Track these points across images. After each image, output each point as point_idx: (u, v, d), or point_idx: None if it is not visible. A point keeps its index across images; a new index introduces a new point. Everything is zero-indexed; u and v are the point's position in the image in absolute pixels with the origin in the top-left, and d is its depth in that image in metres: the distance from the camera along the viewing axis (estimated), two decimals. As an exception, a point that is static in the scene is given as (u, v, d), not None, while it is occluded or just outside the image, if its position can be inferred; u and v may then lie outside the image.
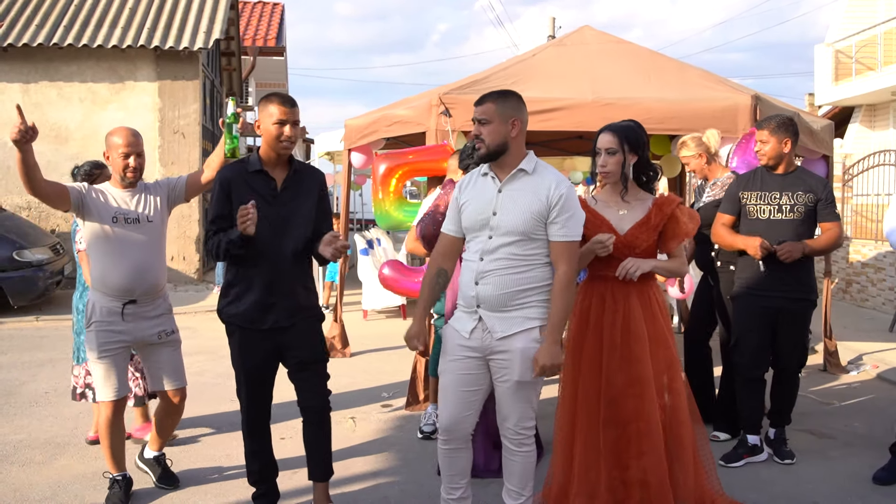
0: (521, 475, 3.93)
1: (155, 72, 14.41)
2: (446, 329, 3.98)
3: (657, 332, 4.20)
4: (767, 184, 5.31)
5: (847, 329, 10.24)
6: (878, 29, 17.52)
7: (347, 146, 8.38)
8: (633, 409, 4.11)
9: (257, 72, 22.46)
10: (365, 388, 7.31)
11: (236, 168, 4.19)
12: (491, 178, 3.84)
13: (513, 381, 3.77)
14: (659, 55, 8.03)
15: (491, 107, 3.75)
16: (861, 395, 7.27)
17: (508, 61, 8.06)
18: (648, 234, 4.20)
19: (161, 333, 4.62)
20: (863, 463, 5.35)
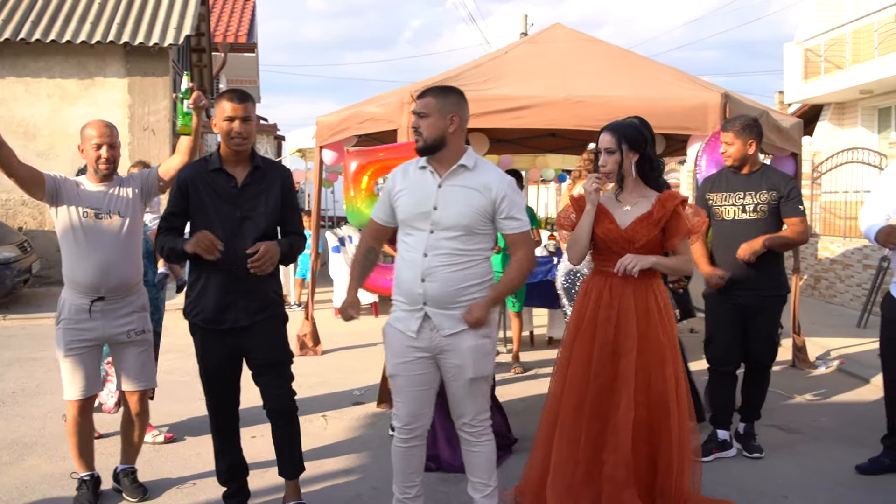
0: (485, 467, 3.97)
1: (124, 68, 14.28)
2: (388, 330, 3.95)
3: (650, 328, 4.17)
4: (732, 184, 5.36)
5: (815, 325, 10.35)
6: (846, 28, 17.68)
7: (319, 143, 8.34)
8: (614, 405, 4.13)
9: (228, 68, 22.31)
10: (336, 386, 7.30)
11: (196, 167, 4.17)
12: (430, 173, 3.85)
13: (467, 378, 3.81)
14: (630, 53, 8.07)
15: (431, 101, 3.79)
16: (828, 390, 7.36)
17: (480, 59, 8.06)
18: (649, 229, 4.17)
19: (130, 332, 4.54)
20: (830, 457, 5.43)
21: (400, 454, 4.00)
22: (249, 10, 22.68)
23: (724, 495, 4.68)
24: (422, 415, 3.96)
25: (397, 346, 3.90)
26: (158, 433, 5.67)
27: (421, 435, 3.99)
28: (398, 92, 7.07)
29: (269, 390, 4.24)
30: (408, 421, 3.94)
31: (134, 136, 14.27)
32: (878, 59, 16.45)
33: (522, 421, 5.91)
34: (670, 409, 4.17)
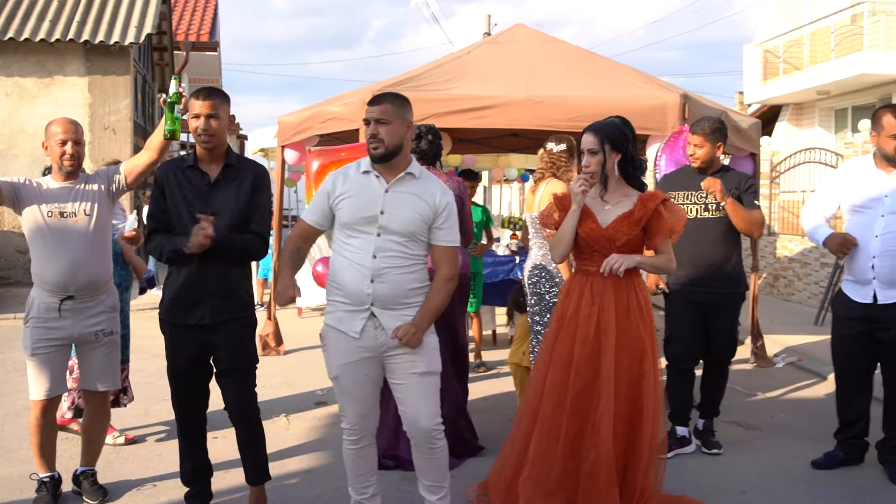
0: (440, 469, 3.98)
1: (85, 66, 14.15)
2: (328, 332, 3.93)
3: (630, 326, 4.19)
4: (694, 183, 5.42)
5: (774, 322, 10.49)
6: (804, 30, 17.92)
7: (281, 143, 8.33)
8: (594, 403, 4.15)
9: (190, 67, 22.13)
10: (299, 386, 7.28)
11: (173, 165, 4.18)
12: (375, 177, 3.83)
13: (419, 371, 3.82)
14: (591, 54, 8.14)
15: (389, 107, 3.78)
16: (786, 387, 7.47)
17: (442, 59, 8.11)
18: (630, 228, 4.19)
19: (99, 333, 4.50)
20: (787, 452, 5.51)
21: (352, 456, 4.00)
22: (212, 9, 22.53)
23: (683, 491, 4.73)
24: (369, 414, 3.97)
25: (340, 348, 3.87)
26: (119, 434, 5.63)
27: (370, 434, 4.00)
28: (359, 91, 7.09)
29: (230, 393, 4.23)
30: (356, 422, 3.94)
31: (94, 135, 14.14)
32: (834, 61, 16.70)
33: (484, 419, 5.95)
34: (645, 405, 4.21)
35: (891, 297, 4.88)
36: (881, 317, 4.92)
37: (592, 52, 8.32)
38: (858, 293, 5.02)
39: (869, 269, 4.90)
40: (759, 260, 8.83)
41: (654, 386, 4.24)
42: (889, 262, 4.83)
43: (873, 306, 4.94)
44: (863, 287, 4.99)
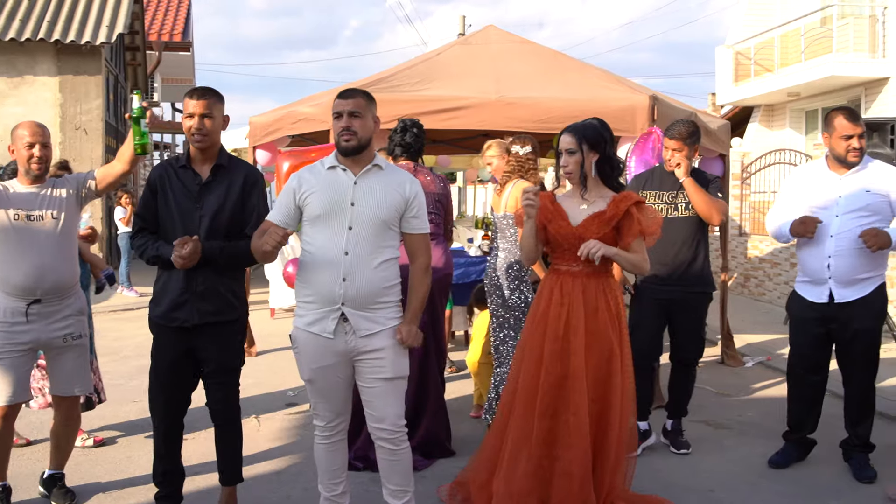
0: (404, 473, 3.99)
1: (56, 66, 14.06)
2: (300, 335, 3.93)
3: (598, 325, 4.22)
4: (665, 183, 5.48)
5: (744, 322, 10.58)
6: (774, 32, 18.09)
7: (252, 143, 8.32)
8: (566, 402, 4.18)
9: (163, 67, 22.07)
10: (270, 387, 7.28)
11: (166, 165, 4.20)
12: (342, 171, 3.86)
13: (386, 377, 3.83)
14: (561, 55, 8.19)
15: (361, 101, 3.84)
16: (755, 386, 7.54)
17: (414, 60, 8.12)
18: (600, 227, 4.20)
19: (67, 337, 4.47)
20: (755, 451, 5.56)
21: (324, 452, 4.02)
22: (185, 9, 22.44)
23: (651, 490, 4.76)
24: (344, 410, 4.01)
25: (313, 351, 3.87)
26: (87, 437, 5.59)
27: (343, 430, 4.03)
28: (329, 92, 7.10)
29: (213, 393, 4.25)
30: (331, 418, 3.97)
31: (65, 135, 14.05)
32: (804, 63, 16.88)
33: (453, 420, 5.96)
34: (613, 405, 4.24)
35: (847, 295, 4.95)
36: (838, 316, 4.99)
37: (563, 53, 8.38)
38: (813, 293, 5.09)
39: (825, 269, 4.97)
40: (728, 260, 8.88)
41: (622, 386, 4.27)
42: (845, 261, 4.91)
43: (830, 306, 5.00)
44: (818, 287, 5.06)
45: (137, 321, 11.18)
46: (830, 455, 5.29)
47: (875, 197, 4.89)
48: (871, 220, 4.88)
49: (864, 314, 4.95)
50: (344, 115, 3.81)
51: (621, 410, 4.24)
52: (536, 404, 4.20)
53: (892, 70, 15.79)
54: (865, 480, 4.98)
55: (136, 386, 7.18)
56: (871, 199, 4.89)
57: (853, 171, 4.97)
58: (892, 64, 15.82)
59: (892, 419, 6.36)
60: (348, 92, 3.90)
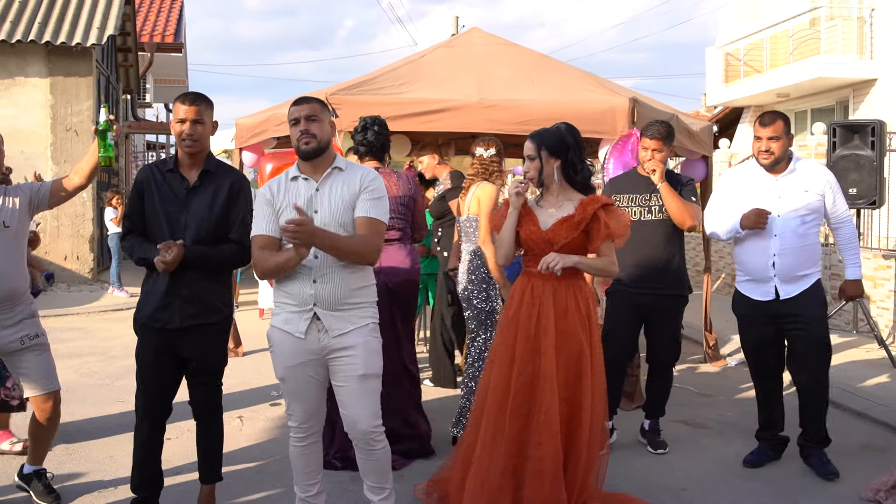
0: (381, 471, 4.03)
1: (46, 68, 14.09)
2: (274, 334, 3.97)
3: (568, 326, 4.29)
4: (638, 186, 5.53)
5: (729, 322, 10.58)
6: (764, 33, 18.17)
7: (238, 145, 8.37)
8: (537, 401, 4.24)
9: (156, 68, 22.10)
10: (255, 387, 7.33)
11: (153, 168, 4.25)
12: (303, 180, 3.92)
13: (358, 375, 3.87)
14: (544, 57, 8.25)
15: (317, 106, 3.92)
16: (736, 386, 7.61)
17: (398, 62, 8.17)
18: (569, 231, 4.28)
19: (24, 338, 4.52)
20: (731, 450, 5.62)
21: (298, 454, 4.06)
22: (177, 10, 22.47)
23: (626, 489, 4.82)
24: (317, 412, 4.04)
25: (286, 350, 3.91)
26: (17, 440, 5.53)
27: (317, 432, 4.07)
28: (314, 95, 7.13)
29: (196, 393, 4.31)
30: (304, 420, 4.00)
31: (56, 136, 14.09)
32: (793, 65, 16.97)
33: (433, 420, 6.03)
34: (584, 406, 4.30)
35: (791, 290, 5.08)
36: (783, 311, 5.10)
37: (546, 55, 8.44)
38: (758, 292, 5.19)
39: (770, 267, 5.08)
40: (710, 261, 8.94)
41: (593, 386, 4.33)
42: (789, 258, 5.04)
43: (775, 302, 5.11)
44: (763, 285, 5.15)
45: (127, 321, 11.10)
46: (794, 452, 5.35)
47: (813, 196, 5.07)
48: (810, 219, 5.09)
49: (809, 304, 5.08)
50: (301, 120, 3.87)
51: (592, 411, 4.30)
52: (508, 404, 4.27)
53: (879, 71, 15.88)
54: (830, 476, 5.04)
55: (122, 386, 7.23)
56: (810, 198, 5.07)
57: (788, 172, 5.11)
58: (879, 65, 15.91)
59: (868, 419, 6.44)
60: (302, 99, 3.99)
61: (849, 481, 5.03)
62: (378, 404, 3.97)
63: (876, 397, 6.85)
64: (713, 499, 4.84)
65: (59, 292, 13.39)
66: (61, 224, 14.18)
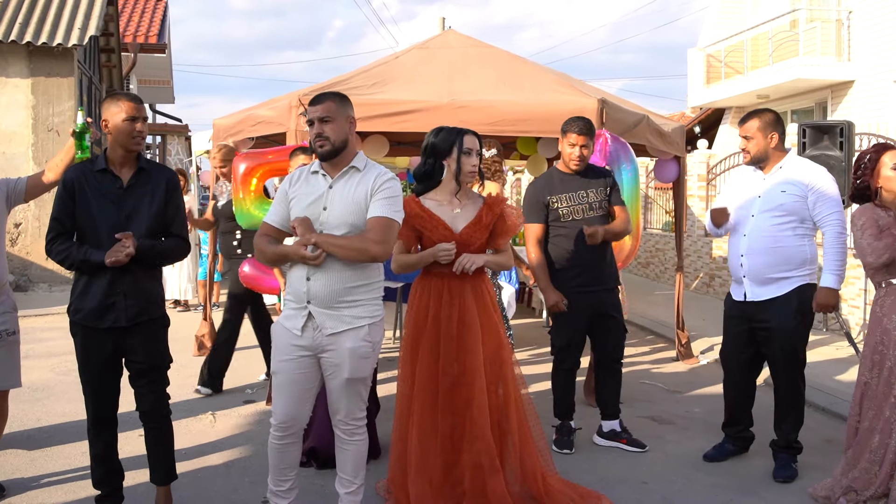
0: (353, 464, 4.08)
1: (28, 68, 14.07)
2: (276, 328, 4.04)
3: (489, 322, 4.47)
4: (570, 185, 5.56)
5: (705, 321, 10.71)
6: (745, 35, 18.31)
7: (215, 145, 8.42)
8: (466, 397, 4.36)
9: (140, 69, 22.08)
10: (229, 384, 7.36)
11: (82, 168, 4.18)
12: (322, 176, 3.95)
13: (343, 378, 3.92)
14: (517, 58, 8.34)
15: (332, 105, 3.88)
16: (706, 382, 7.69)
17: (373, 63, 8.25)
18: (481, 233, 4.48)
19: (2, 333, 4.58)
20: (695, 445, 5.70)
21: (275, 450, 4.09)
22: (161, 11, 22.45)
23: (587, 482, 4.91)
24: (298, 413, 4.04)
25: (282, 344, 3.98)
26: None
27: (296, 433, 4.08)
28: (287, 97, 7.22)
29: (144, 394, 4.29)
30: (283, 419, 4.02)
31: (38, 137, 14.08)
32: (772, 66, 17.10)
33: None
34: (509, 394, 4.52)
35: (760, 294, 5.07)
36: (754, 314, 5.12)
37: (519, 56, 8.52)
38: (736, 291, 5.27)
39: (739, 268, 5.14)
40: (683, 259, 9.03)
41: (513, 371, 4.56)
42: (756, 259, 5.03)
43: (747, 304, 5.15)
44: (738, 285, 5.23)
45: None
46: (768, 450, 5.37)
47: (790, 197, 4.97)
48: (785, 220, 4.99)
49: (779, 314, 5.01)
50: (315, 122, 3.88)
51: (515, 397, 4.52)
52: (438, 403, 4.39)
53: (857, 73, 16.03)
54: (779, 479, 5.07)
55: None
56: (786, 198, 4.98)
57: (775, 170, 5.08)
58: (857, 67, 16.06)
59: (832, 414, 6.55)
60: (318, 97, 3.94)
61: (810, 475, 5.12)
62: (361, 401, 4.04)
63: (841, 393, 6.95)
64: (672, 492, 4.92)
65: (39, 292, 13.41)
66: (42, 224, 14.14)
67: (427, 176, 4.53)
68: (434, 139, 4.51)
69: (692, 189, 14.26)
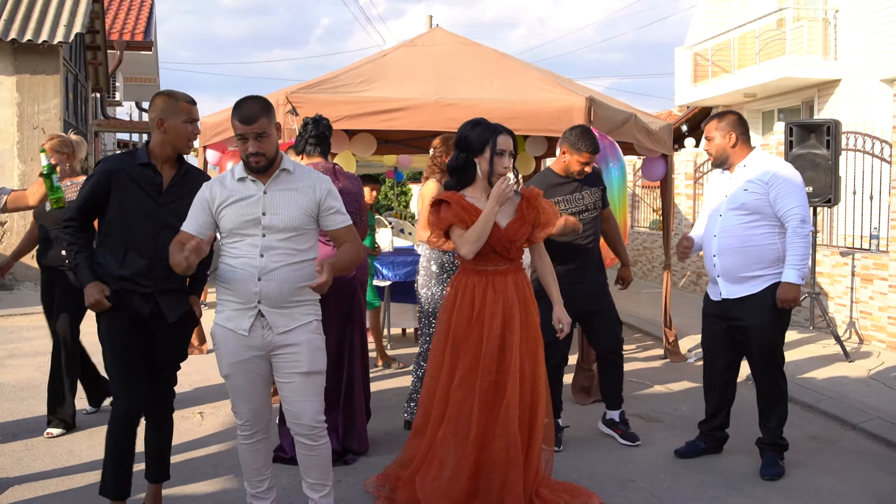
0: (322, 468, 4.05)
1: (13, 65, 14.01)
2: (217, 331, 3.95)
3: (529, 321, 4.40)
4: (565, 188, 5.63)
5: (692, 319, 10.73)
6: (731, 34, 18.35)
7: (202, 143, 8.41)
8: (501, 396, 4.31)
9: (126, 66, 22.02)
10: (217, 383, 7.31)
11: (122, 160, 4.13)
12: (251, 182, 3.86)
13: (302, 371, 3.89)
14: (504, 56, 8.33)
15: (264, 121, 3.78)
16: (693, 380, 7.68)
17: (360, 61, 8.23)
18: (525, 228, 4.40)
19: None
20: (682, 443, 5.67)
21: (246, 451, 4.08)
22: (147, 9, 22.39)
23: (575, 480, 4.92)
24: (262, 410, 4.04)
25: (230, 346, 3.91)
26: None
27: (264, 429, 4.07)
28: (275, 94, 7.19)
29: (157, 388, 4.29)
30: (248, 418, 4.01)
31: (23, 134, 14.02)
32: (759, 65, 17.16)
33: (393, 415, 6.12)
34: (540, 394, 4.44)
35: (735, 292, 5.11)
36: (730, 313, 5.16)
37: (507, 54, 8.52)
38: (712, 291, 5.31)
39: (713, 268, 5.18)
40: (670, 258, 9.05)
41: (544, 368, 4.50)
42: (728, 258, 5.07)
43: (723, 303, 5.19)
44: (714, 285, 5.27)
45: (90, 319, 11.20)
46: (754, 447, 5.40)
47: (752, 195, 5.00)
48: (751, 218, 5.01)
49: (754, 311, 5.04)
50: (250, 139, 3.79)
51: (545, 398, 4.47)
52: (475, 404, 4.31)
53: (843, 72, 16.09)
54: (766, 477, 5.09)
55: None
56: (748, 196, 5.01)
57: (739, 168, 5.12)
58: (843, 66, 16.12)
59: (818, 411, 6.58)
60: (249, 113, 3.80)
61: (796, 472, 5.17)
62: (321, 401, 4.00)
63: (827, 391, 6.98)
64: (660, 489, 4.93)
65: (25, 291, 13.35)
66: (28, 223, 14.09)
67: (459, 170, 4.47)
68: (468, 133, 4.41)
69: (679, 187, 14.30)
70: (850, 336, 9.04)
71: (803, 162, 8.66)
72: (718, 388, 5.43)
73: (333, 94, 6.85)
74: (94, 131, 20.05)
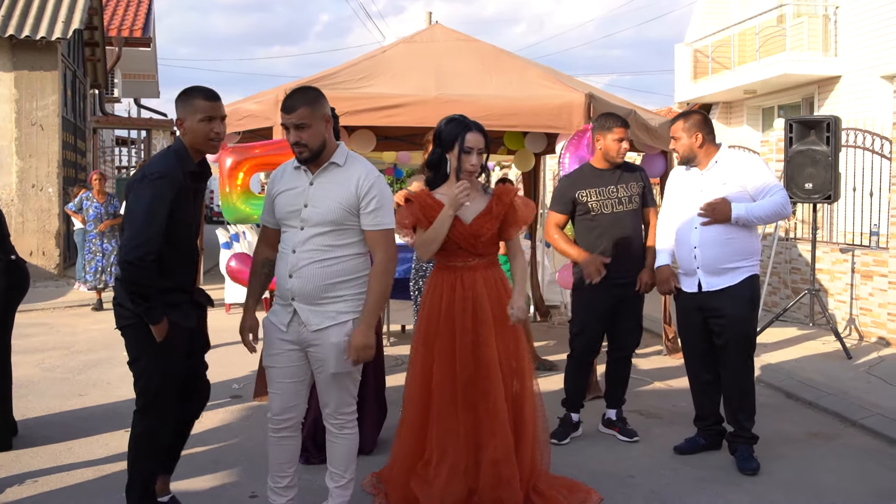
0: (343, 458, 4.07)
1: (11, 62, 14.00)
2: (265, 323, 4.04)
3: (503, 314, 4.36)
4: (601, 179, 5.63)
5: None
6: (731, 30, 18.35)
7: (202, 139, 8.37)
8: (483, 391, 4.31)
9: (124, 62, 21.98)
10: (217, 379, 7.27)
11: (177, 167, 3.95)
12: (304, 171, 3.92)
13: (328, 373, 3.91)
14: (504, 52, 8.31)
15: (305, 111, 3.77)
16: (692, 377, 7.70)
17: (360, 57, 8.21)
18: (492, 223, 4.37)
19: None
20: (682, 439, 5.66)
21: (271, 445, 4.10)
22: (145, 5, 22.34)
23: (574, 476, 4.90)
24: (293, 407, 4.05)
25: (271, 339, 3.99)
26: None
27: (293, 426, 4.08)
28: (273, 91, 7.20)
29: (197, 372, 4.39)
30: (278, 412, 4.03)
31: (21, 130, 14.01)
32: (759, 61, 17.15)
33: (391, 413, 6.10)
34: (526, 386, 4.45)
35: (714, 284, 5.16)
36: (707, 304, 5.19)
37: (506, 50, 8.49)
38: (686, 283, 5.32)
39: (693, 259, 5.20)
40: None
41: (530, 365, 4.51)
42: (710, 251, 5.12)
43: (699, 295, 5.22)
44: (690, 277, 5.28)
45: (90, 316, 11.22)
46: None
47: (731, 188, 5.09)
48: None
49: (733, 302, 5.11)
50: (291, 130, 3.81)
51: (531, 390, 4.47)
52: (458, 401, 4.32)
53: (843, 69, 16.08)
54: (748, 472, 5.09)
55: (83, 380, 7.28)
56: (728, 190, 5.09)
57: (711, 165, 5.18)
58: (843, 62, 16.11)
59: (819, 408, 6.57)
60: (291, 103, 3.82)
61: (794, 467, 5.19)
62: (349, 396, 4.04)
63: (827, 388, 6.98)
64: (660, 485, 4.93)
65: (24, 288, 13.31)
66: (27, 220, 14.12)
67: (434, 166, 4.46)
68: (443, 128, 4.39)
69: (679, 184, 14.24)
70: (850, 333, 9.04)
71: (803, 158, 8.65)
72: (702, 381, 5.46)
73: (333, 90, 6.80)
74: (93, 128, 20.03)
